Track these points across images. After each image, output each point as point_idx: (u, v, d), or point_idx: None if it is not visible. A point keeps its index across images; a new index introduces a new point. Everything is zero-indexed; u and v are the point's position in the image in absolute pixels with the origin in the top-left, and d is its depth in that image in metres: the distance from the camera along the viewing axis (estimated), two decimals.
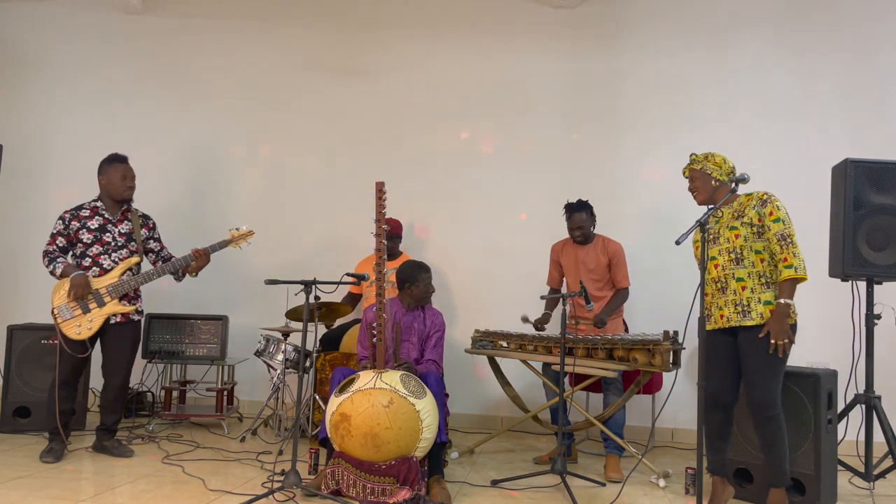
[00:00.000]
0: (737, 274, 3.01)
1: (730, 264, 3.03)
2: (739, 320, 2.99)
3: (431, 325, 3.74)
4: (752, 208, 3.02)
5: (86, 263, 3.81)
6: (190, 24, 5.59)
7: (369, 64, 5.39)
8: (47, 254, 3.82)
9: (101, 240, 3.84)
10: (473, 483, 3.52)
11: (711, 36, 5.02)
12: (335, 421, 3.12)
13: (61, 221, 3.86)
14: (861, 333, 3.73)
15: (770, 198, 3.00)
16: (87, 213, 3.88)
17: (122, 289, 3.81)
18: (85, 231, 3.84)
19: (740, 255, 3.01)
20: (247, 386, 5.27)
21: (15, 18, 5.74)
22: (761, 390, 2.93)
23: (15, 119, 5.65)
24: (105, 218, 3.89)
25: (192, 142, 5.50)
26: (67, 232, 3.84)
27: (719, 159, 3.14)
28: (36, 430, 4.35)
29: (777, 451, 2.96)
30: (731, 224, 3.04)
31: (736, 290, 3.01)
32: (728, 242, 3.03)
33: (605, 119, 5.09)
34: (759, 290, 2.97)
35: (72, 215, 3.86)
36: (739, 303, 3.00)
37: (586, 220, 4.13)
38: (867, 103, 4.79)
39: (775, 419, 2.94)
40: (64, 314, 3.72)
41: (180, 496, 3.14)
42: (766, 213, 2.97)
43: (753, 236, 2.99)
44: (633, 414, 4.73)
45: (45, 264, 3.81)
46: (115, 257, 3.85)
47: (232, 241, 4.05)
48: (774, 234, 2.95)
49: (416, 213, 5.21)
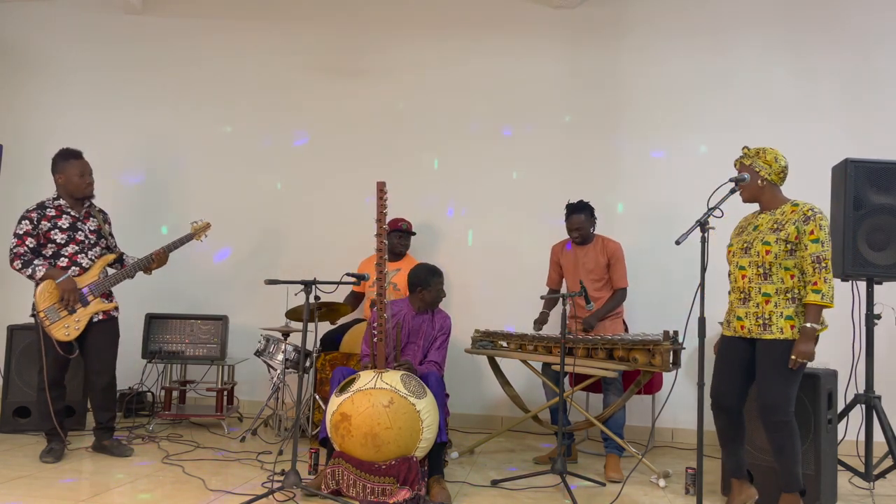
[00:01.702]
0: (763, 289, 2.93)
1: (757, 278, 2.95)
2: (760, 333, 2.93)
3: (439, 328, 3.74)
4: (793, 224, 2.90)
5: (62, 264, 3.74)
6: (190, 25, 5.59)
7: (369, 64, 5.39)
8: (19, 255, 3.67)
9: (75, 238, 3.79)
10: (473, 483, 3.52)
11: (712, 36, 5.02)
12: (335, 421, 3.12)
13: (28, 221, 3.72)
14: (861, 333, 3.73)
15: (815, 215, 2.87)
16: (53, 213, 3.77)
17: (102, 287, 3.80)
18: (57, 231, 3.75)
19: (769, 272, 2.93)
20: (247, 386, 5.27)
21: (15, 19, 5.74)
22: (773, 394, 2.87)
23: (15, 119, 5.65)
24: (72, 216, 3.82)
25: (191, 141, 5.49)
26: (37, 232, 3.74)
27: (770, 157, 2.98)
28: (36, 431, 4.34)
29: (789, 456, 2.90)
30: (766, 238, 2.93)
31: (760, 303, 2.94)
32: (758, 256, 2.94)
33: (605, 119, 5.09)
34: (783, 304, 2.90)
35: (39, 215, 3.74)
36: (761, 315, 2.93)
37: (585, 221, 4.12)
38: (867, 103, 4.79)
39: (787, 425, 2.88)
40: (52, 317, 3.69)
41: (180, 496, 3.14)
42: (807, 231, 2.86)
43: (785, 254, 2.90)
44: (633, 414, 4.73)
45: (18, 267, 3.66)
46: (90, 255, 3.83)
47: (195, 235, 4.10)
48: (811, 254, 2.85)
49: (415, 213, 5.20)
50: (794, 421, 2.91)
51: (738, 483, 3.10)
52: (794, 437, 2.90)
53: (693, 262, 4.74)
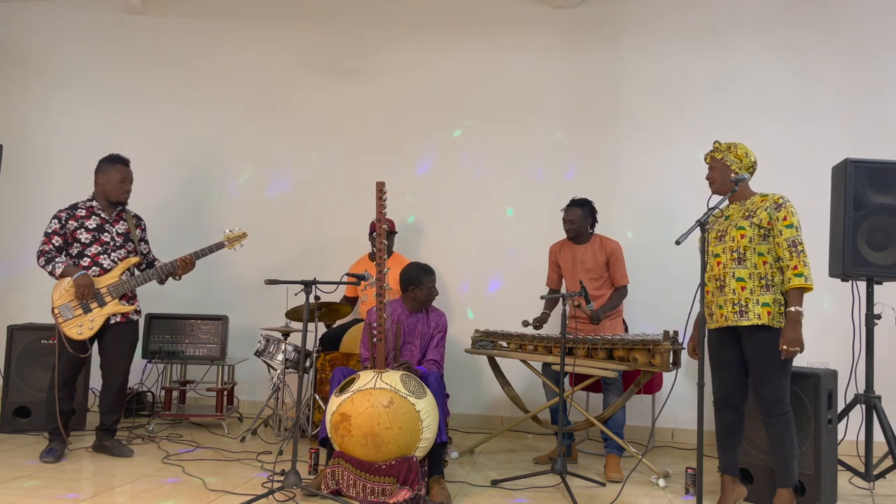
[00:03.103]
0: (737, 273, 3.00)
1: (732, 263, 3.02)
2: (737, 320, 2.98)
3: (435, 325, 3.74)
4: (765, 210, 2.98)
5: (84, 263, 3.79)
6: (190, 24, 5.59)
7: (369, 64, 5.39)
8: (44, 253, 3.76)
9: (100, 239, 3.82)
10: (473, 483, 3.52)
11: (712, 36, 5.02)
12: (335, 421, 3.12)
13: (57, 220, 3.80)
14: (861, 333, 3.73)
15: (786, 203, 2.97)
16: (83, 213, 3.84)
17: (122, 288, 3.81)
18: (83, 231, 3.81)
19: (743, 256, 2.99)
20: (247, 386, 5.27)
21: (15, 19, 5.75)
22: (770, 389, 2.93)
23: (15, 119, 5.65)
24: (102, 218, 3.86)
25: (191, 141, 5.50)
26: (64, 231, 3.80)
27: (741, 152, 3.08)
28: (36, 430, 4.35)
29: (785, 451, 2.94)
30: (740, 223, 3.01)
31: (735, 289, 3.00)
32: (733, 241, 3.01)
33: (605, 119, 5.09)
34: (758, 291, 2.96)
35: (68, 214, 3.82)
36: (738, 302, 2.99)
37: (580, 216, 4.11)
38: (867, 103, 4.80)
39: (784, 417, 2.94)
40: (65, 314, 3.71)
41: (180, 496, 3.14)
42: (780, 218, 2.95)
43: (759, 238, 2.97)
44: (633, 414, 4.74)
45: (42, 264, 3.74)
46: (114, 257, 3.84)
47: (227, 243, 4.06)
48: (785, 239, 2.92)
49: (415, 213, 5.21)
50: (791, 414, 2.96)
51: (731, 480, 3.14)
52: (791, 429, 2.96)
53: (692, 262, 4.74)
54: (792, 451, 2.95)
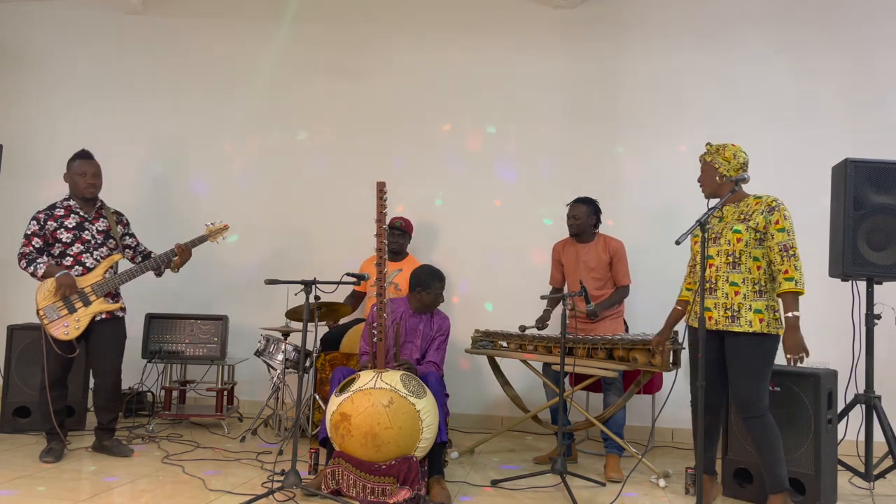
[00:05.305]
0: (731, 278, 2.98)
1: (725, 267, 3.00)
2: (728, 325, 2.97)
3: (438, 328, 3.73)
4: (760, 213, 2.97)
5: (67, 263, 3.76)
6: (190, 24, 5.59)
7: (370, 63, 5.39)
8: (24, 255, 3.73)
9: (81, 238, 3.80)
10: (473, 483, 3.52)
11: (711, 36, 5.02)
12: (335, 421, 3.12)
13: (35, 222, 3.77)
14: (861, 333, 3.73)
15: (779, 206, 2.96)
16: (61, 213, 3.81)
17: (106, 287, 3.79)
18: (63, 230, 3.77)
19: (738, 260, 2.97)
20: (247, 386, 5.27)
21: (15, 18, 5.74)
22: (746, 392, 2.93)
23: (15, 119, 5.65)
24: (80, 216, 3.84)
25: (191, 141, 5.49)
26: (43, 232, 3.77)
27: (729, 153, 3.06)
28: (36, 431, 4.34)
29: (769, 455, 2.94)
30: (736, 227, 2.99)
31: (728, 293, 2.98)
32: (729, 245, 2.99)
33: (605, 119, 5.09)
34: (751, 297, 2.94)
35: (46, 215, 3.79)
36: (730, 307, 2.97)
37: (584, 213, 4.12)
38: (867, 103, 4.79)
39: (761, 419, 2.93)
40: (50, 315, 3.69)
41: (180, 496, 3.14)
42: (773, 221, 2.94)
43: (755, 242, 2.96)
44: (633, 414, 4.74)
45: (23, 266, 3.71)
46: (96, 255, 3.83)
47: (209, 236, 4.03)
48: (777, 243, 2.91)
49: (415, 213, 5.20)
50: (768, 416, 2.95)
51: (709, 479, 3.19)
52: (769, 432, 2.93)
53: None
54: (776, 454, 2.94)
